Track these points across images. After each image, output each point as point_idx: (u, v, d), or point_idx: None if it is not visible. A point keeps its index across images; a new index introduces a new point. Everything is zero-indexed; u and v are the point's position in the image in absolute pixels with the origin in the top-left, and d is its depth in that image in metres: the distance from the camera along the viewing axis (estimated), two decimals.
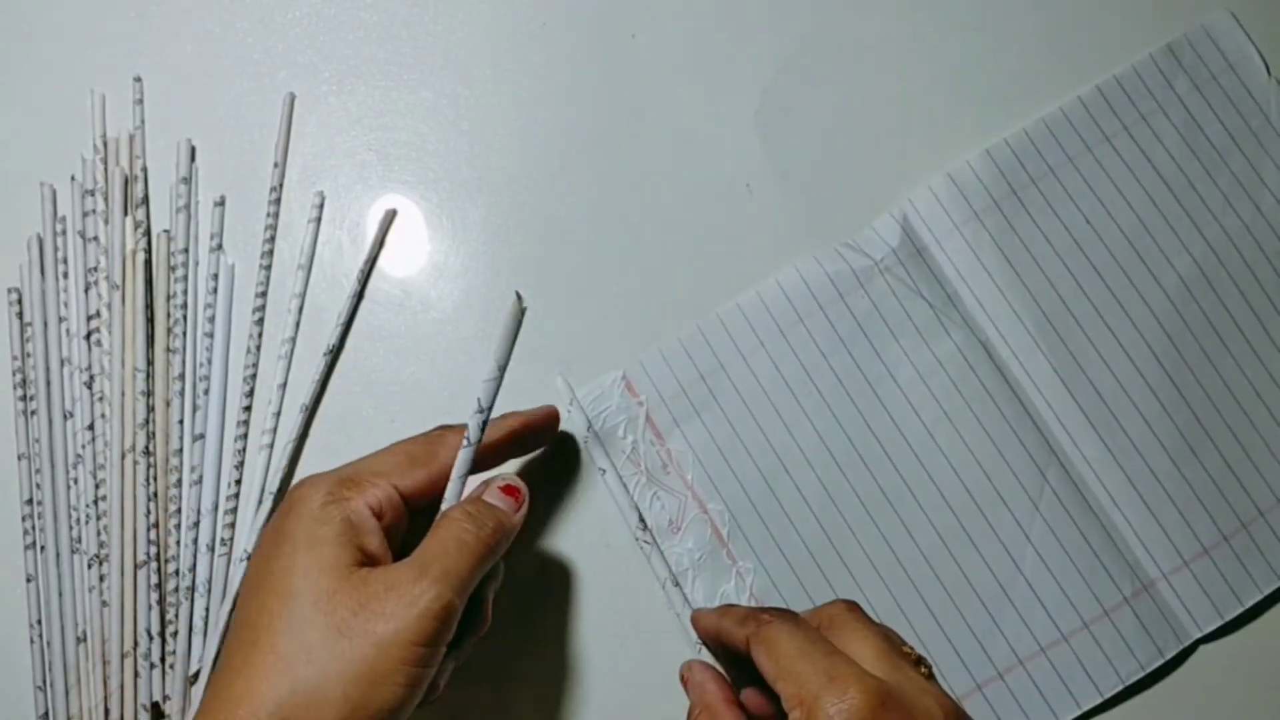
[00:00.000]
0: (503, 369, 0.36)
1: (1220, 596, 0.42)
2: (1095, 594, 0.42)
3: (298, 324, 0.45)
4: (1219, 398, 0.43)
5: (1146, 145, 0.44)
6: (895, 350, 0.44)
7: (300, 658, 0.31)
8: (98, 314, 0.45)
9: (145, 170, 0.46)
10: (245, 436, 0.45)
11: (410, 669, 0.31)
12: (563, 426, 0.44)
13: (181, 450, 0.44)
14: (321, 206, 0.46)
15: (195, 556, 0.43)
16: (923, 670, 0.32)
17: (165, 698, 0.42)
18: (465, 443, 0.36)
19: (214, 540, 0.43)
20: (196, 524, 0.43)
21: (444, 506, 0.36)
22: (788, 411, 0.44)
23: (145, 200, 0.46)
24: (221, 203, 0.46)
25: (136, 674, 0.42)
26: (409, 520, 0.37)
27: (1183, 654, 0.42)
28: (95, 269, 0.45)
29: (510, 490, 0.37)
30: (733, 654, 0.36)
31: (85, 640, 0.42)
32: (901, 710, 0.30)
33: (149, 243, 0.45)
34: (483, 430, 0.36)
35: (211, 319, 0.45)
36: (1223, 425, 0.43)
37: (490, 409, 0.36)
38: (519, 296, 0.36)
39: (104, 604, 0.42)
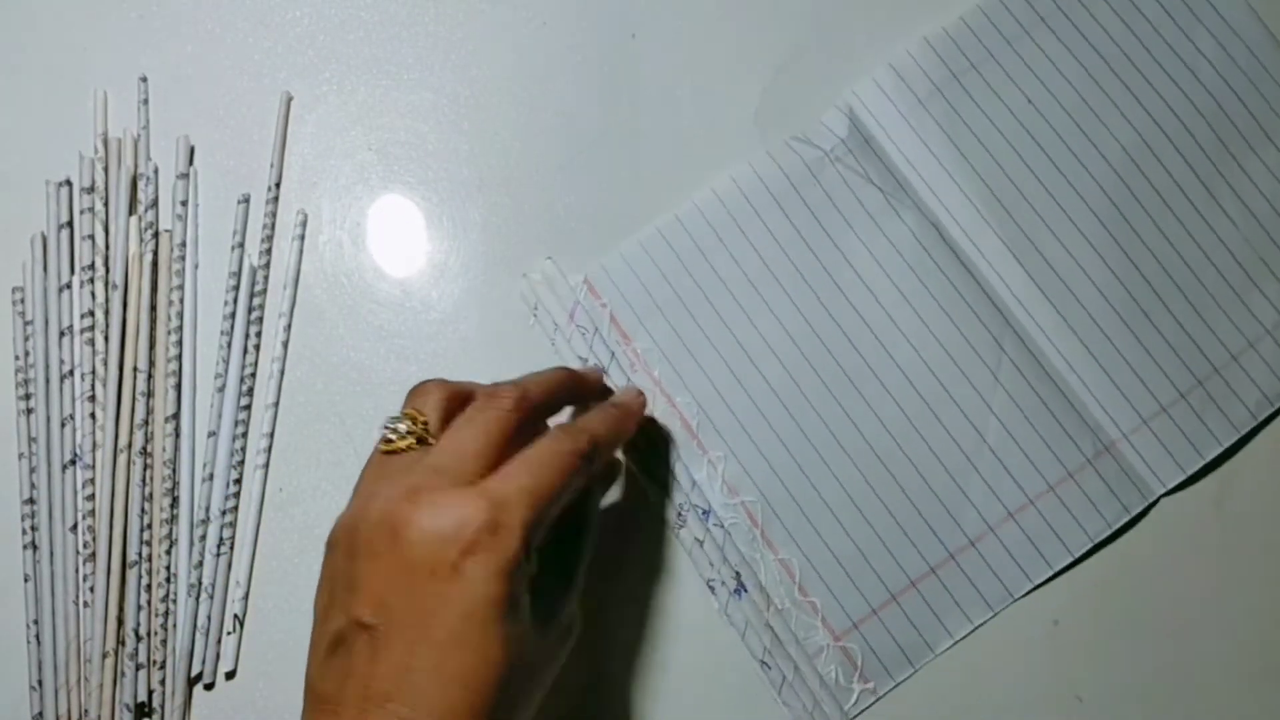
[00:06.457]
0: None
1: (1181, 452, 0.43)
2: (1059, 458, 0.43)
3: (288, 326, 0.46)
4: (1168, 260, 0.44)
5: (1082, 23, 0.45)
6: (850, 237, 0.45)
7: None
8: (90, 314, 0.45)
9: (157, 171, 0.46)
10: (245, 435, 0.45)
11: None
12: (528, 331, 0.45)
13: (179, 450, 0.44)
14: (305, 224, 0.47)
15: (193, 556, 0.44)
16: None
17: (150, 692, 0.43)
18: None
19: (212, 540, 0.44)
20: (195, 524, 0.44)
21: None
22: (749, 303, 0.45)
23: (156, 202, 0.46)
24: (245, 200, 0.46)
25: (122, 674, 0.42)
26: None
27: (1146, 509, 0.43)
28: (91, 267, 0.45)
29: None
30: None
31: (77, 640, 0.43)
32: None
33: (156, 244, 0.46)
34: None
35: (229, 316, 0.46)
36: (1173, 287, 0.44)
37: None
38: None
39: (85, 605, 0.43)
